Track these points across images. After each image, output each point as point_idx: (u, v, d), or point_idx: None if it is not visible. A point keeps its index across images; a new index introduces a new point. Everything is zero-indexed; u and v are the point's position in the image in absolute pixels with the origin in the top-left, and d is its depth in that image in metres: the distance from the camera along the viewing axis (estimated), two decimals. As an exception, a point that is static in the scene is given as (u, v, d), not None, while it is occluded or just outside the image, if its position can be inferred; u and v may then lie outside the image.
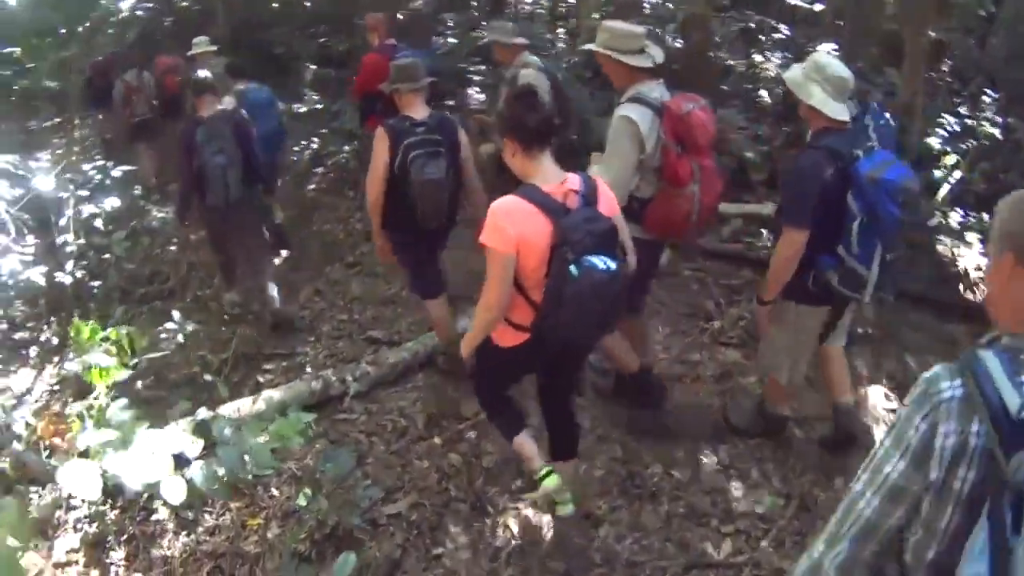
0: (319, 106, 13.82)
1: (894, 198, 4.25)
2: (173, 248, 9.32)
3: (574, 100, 7.29)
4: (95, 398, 5.39)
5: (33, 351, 7.16)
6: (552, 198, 3.66)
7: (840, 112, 4.41)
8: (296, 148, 11.99)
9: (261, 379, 6.51)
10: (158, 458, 2.96)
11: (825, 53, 4.63)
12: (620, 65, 4.93)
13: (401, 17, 16.07)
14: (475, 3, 18.09)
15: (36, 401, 6.45)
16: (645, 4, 14.88)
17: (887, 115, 4.88)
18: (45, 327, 7.48)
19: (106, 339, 5.03)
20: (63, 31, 9.36)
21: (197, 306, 7.90)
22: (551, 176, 3.76)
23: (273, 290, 7.43)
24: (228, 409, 5.57)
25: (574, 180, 3.77)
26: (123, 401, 3.63)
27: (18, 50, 8.97)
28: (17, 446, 5.21)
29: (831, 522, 2.21)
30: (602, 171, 4.75)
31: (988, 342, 2.05)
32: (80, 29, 9.90)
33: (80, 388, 5.71)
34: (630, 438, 5.43)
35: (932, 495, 2.00)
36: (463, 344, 4.18)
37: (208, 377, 6.43)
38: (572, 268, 3.52)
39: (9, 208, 6.06)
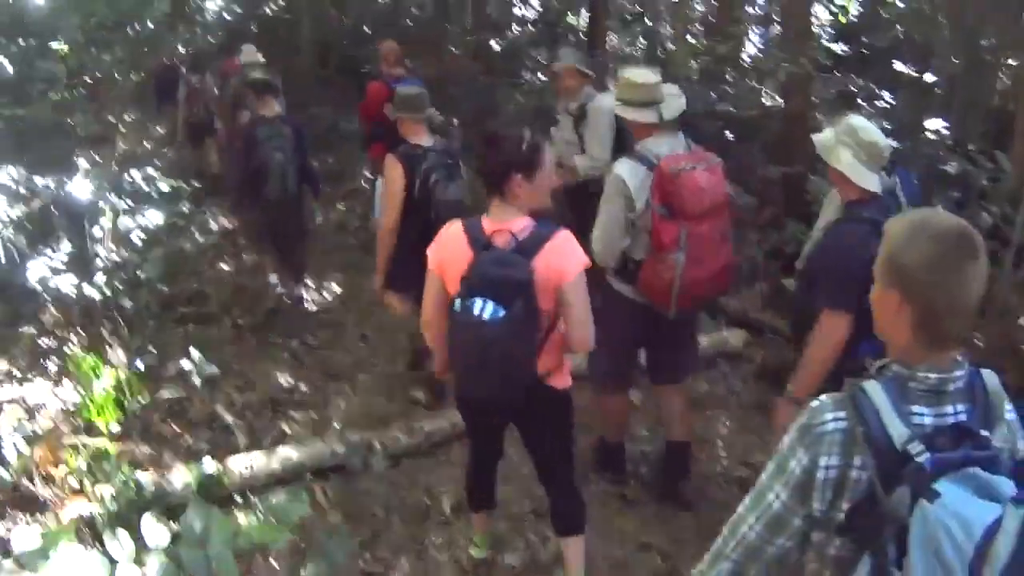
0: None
1: None
2: (222, 267, 9.02)
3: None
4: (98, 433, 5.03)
5: (54, 363, 6.76)
6: (482, 232, 3.58)
7: (871, 181, 3.94)
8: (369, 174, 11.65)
9: (286, 428, 6.01)
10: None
11: (861, 117, 4.22)
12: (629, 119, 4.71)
13: (498, 47, 15.81)
14: (571, 38, 17.72)
15: (49, 418, 6.06)
16: (744, 56, 14.39)
17: (913, 177, 4.50)
18: (73, 336, 7.13)
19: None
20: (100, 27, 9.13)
21: (235, 335, 7.50)
22: (501, 215, 3.64)
23: (299, 291, 8.03)
24: (240, 463, 5.17)
25: (521, 224, 3.57)
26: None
27: (65, 47, 8.75)
28: (4, 473, 4.82)
29: (718, 540, 2.21)
30: (595, 227, 4.65)
31: (878, 371, 2.04)
32: (130, 31, 9.69)
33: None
34: (674, 548, 4.85)
35: (819, 524, 2.02)
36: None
37: (230, 419, 6.00)
38: (456, 303, 3.43)
39: (3, 228, 5.72)
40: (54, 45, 8.74)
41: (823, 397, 2.06)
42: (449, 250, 3.64)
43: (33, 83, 8.85)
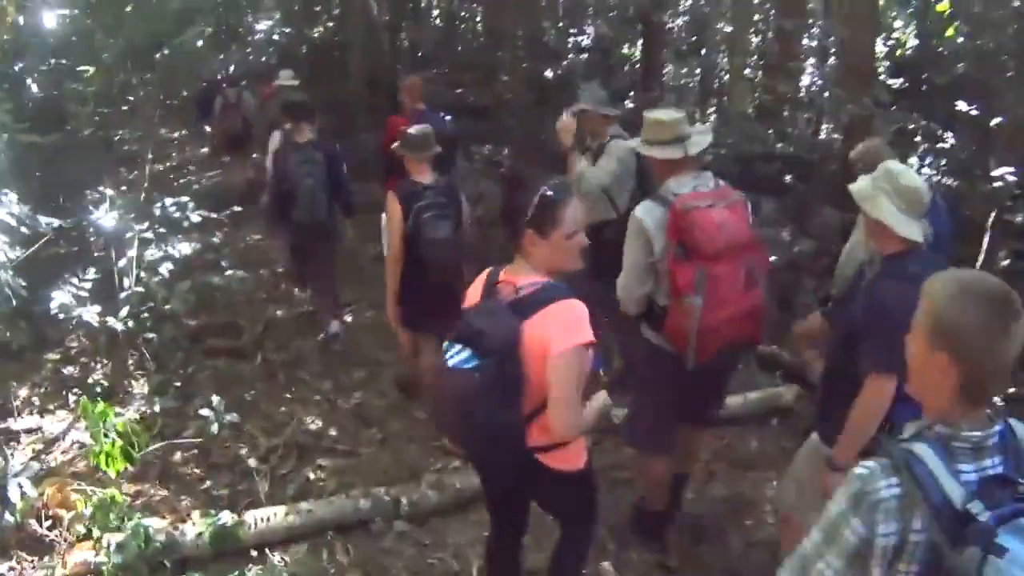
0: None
1: None
2: (258, 296, 8.88)
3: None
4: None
5: (75, 393, 6.54)
6: (494, 282, 3.47)
7: (913, 231, 3.73)
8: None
9: (312, 475, 5.75)
10: None
11: (898, 162, 4.14)
12: (652, 158, 4.60)
13: (552, 76, 15.56)
14: (625, 68, 17.46)
15: (63, 452, 5.89)
16: (802, 91, 14.03)
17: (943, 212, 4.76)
18: (97, 366, 6.94)
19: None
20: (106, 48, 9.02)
21: (265, 371, 7.27)
22: (515, 268, 3.44)
23: (335, 327, 7.88)
24: (257, 516, 4.91)
25: (528, 280, 3.34)
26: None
27: (92, 69, 8.66)
28: (9, 517, 4.58)
29: None
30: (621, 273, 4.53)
31: (919, 432, 2.06)
32: (167, 52, 9.60)
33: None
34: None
35: None
36: None
37: (252, 464, 5.77)
38: (444, 346, 3.34)
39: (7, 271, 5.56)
40: (83, 67, 8.65)
41: (871, 463, 2.05)
42: (471, 291, 3.58)
43: (65, 103, 8.81)
